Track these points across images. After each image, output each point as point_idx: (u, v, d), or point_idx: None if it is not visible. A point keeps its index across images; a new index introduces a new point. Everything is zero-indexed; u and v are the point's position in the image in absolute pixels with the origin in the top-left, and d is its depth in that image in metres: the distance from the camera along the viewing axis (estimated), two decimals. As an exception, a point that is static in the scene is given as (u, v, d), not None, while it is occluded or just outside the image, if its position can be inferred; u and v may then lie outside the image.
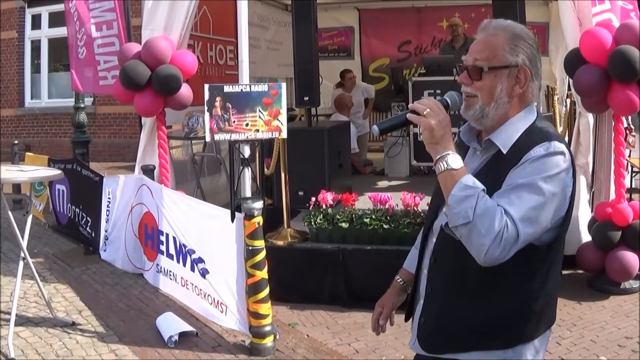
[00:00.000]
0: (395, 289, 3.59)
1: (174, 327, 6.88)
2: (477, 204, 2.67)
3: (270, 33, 14.32)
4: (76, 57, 10.06)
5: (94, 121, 19.96)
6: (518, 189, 2.74)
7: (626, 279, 7.97)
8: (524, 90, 2.97)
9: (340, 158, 10.24)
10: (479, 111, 2.97)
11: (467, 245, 2.73)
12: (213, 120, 6.69)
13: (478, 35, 3.04)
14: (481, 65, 2.94)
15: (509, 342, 2.97)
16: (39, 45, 21.81)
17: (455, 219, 2.71)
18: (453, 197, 2.72)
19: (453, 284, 3.01)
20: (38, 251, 9.84)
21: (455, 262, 2.96)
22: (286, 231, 8.17)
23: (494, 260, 2.69)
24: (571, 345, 6.62)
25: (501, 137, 2.95)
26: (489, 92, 2.95)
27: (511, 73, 2.94)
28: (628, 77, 7.38)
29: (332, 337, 6.96)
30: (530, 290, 2.94)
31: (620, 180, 8.09)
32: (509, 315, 2.94)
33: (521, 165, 2.79)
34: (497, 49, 2.94)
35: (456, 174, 2.76)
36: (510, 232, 2.65)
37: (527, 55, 2.95)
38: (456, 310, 3.00)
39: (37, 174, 7.24)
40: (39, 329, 7.04)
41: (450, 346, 3.04)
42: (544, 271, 2.96)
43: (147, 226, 8.45)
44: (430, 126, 2.82)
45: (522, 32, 2.98)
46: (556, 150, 2.80)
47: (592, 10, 7.87)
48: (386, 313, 3.54)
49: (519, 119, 2.97)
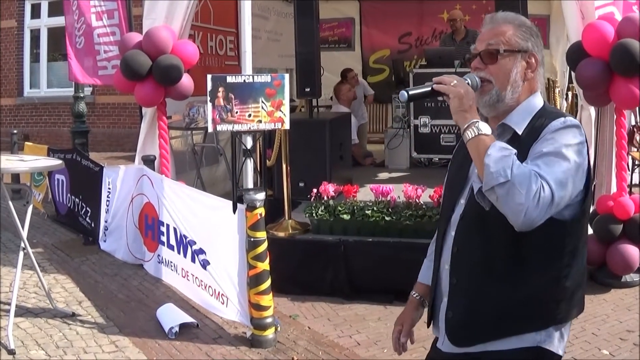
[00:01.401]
0: (413, 304, 3.52)
1: (175, 318, 6.87)
2: (514, 164, 2.68)
3: (271, 24, 14.30)
4: (74, 46, 10.01)
5: (93, 111, 19.91)
6: (544, 156, 2.77)
7: (627, 272, 7.96)
8: (534, 75, 3.06)
9: (342, 149, 10.22)
10: (495, 96, 3.01)
11: (505, 206, 2.71)
12: (216, 110, 6.66)
13: (485, 27, 3.11)
14: (497, 47, 3.01)
15: (543, 323, 2.97)
16: (39, 34, 21.74)
17: (494, 178, 2.68)
18: (490, 157, 2.71)
19: (481, 269, 2.99)
20: (37, 241, 9.81)
21: (482, 245, 2.97)
22: (287, 223, 8.15)
23: (532, 221, 2.69)
24: (573, 339, 6.58)
25: (514, 120, 3.01)
26: (505, 76, 3.00)
27: (523, 57, 3.02)
28: (630, 70, 7.35)
29: (334, 329, 6.94)
30: (560, 267, 2.95)
31: (621, 173, 8.07)
32: (541, 295, 2.94)
33: (542, 138, 2.85)
34: (509, 35, 3.02)
35: (487, 139, 2.79)
36: (547, 193, 2.68)
37: (534, 42, 3.05)
38: (486, 296, 2.98)
39: (37, 164, 7.21)
40: (38, 320, 7.02)
41: (482, 335, 3.01)
42: (571, 248, 2.96)
43: (148, 217, 8.43)
44: (460, 94, 2.86)
45: (527, 22, 3.09)
46: (573, 123, 2.88)
47: (595, 4, 7.86)
48: (406, 330, 3.48)
49: (530, 103, 3.04)
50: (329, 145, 9.50)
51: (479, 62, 3.05)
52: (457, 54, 12.11)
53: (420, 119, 11.73)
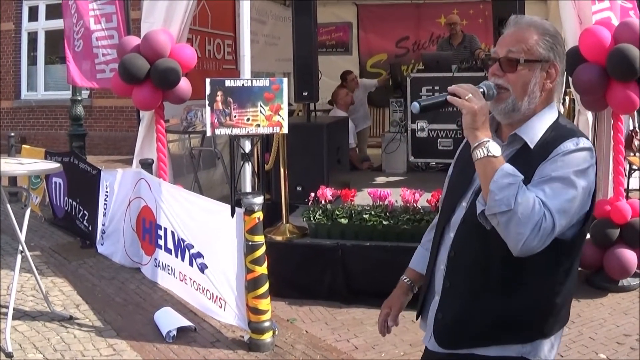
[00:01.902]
0: (403, 289, 3.54)
1: (172, 322, 6.87)
2: (519, 192, 2.67)
3: (268, 28, 14.30)
4: (72, 49, 10.02)
5: (90, 114, 19.89)
6: (552, 181, 2.75)
7: (624, 276, 7.98)
8: (553, 86, 2.99)
9: (339, 154, 10.24)
10: (510, 105, 2.95)
11: (505, 233, 2.71)
12: (214, 114, 6.67)
13: (507, 29, 3.03)
14: (517, 57, 2.93)
15: (529, 336, 2.98)
16: (36, 37, 21.70)
17: (496, 205, 2.68)
18: (495, 183, 2.70)
19: (475, 278, 3.00)
20: (34, 244, 9.80)
21: (478, 255, 2.97)
22: (285, 227, 8.16)
23: (531, 250, 2.69)
24: (570, 343, 6.61)
25: (528, 132, 2.95)
26: (523, 86, 2.93)
27: (543, 67, 2.94)
28: (627, 75, 7.38)
29: (331, 333, 6.95)
30: (552, 285, 2.95)
31: (618, 178, 8.10)
32: (531, 309, 2.94)
33: (552, 159, 2.80)
34: (532, 42, 2.93)
35: (496, 161, 2.75)
36: (548, 222, 2.67)
37: (557, 52, 2.96)
38: (477, 304, 2.98)
39: (36, 167, 7.22)
40: (36, 323, 7.01)
41: (469, 341, 3.03)
42: (566, 267, 2.96)
43: (145, 220, 8.43)
44: (474, 111, 2.79)
45: (552, 29, 2.99)
46: (585, 146, 2.84)
47: (592, 9, 7.87)
48: (394, 314, 3.50)
49: (545, 114, 2.98)
50: (326, 149, 9.52)
51: (498, 69, 2.98)
52: (454, 58, 12.14)
53: (417, 123, 11.76)
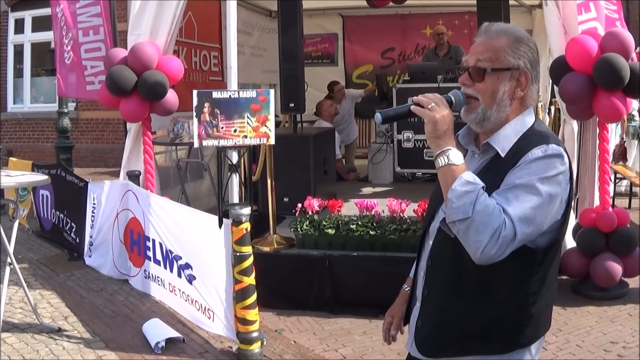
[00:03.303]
0: (404, 298, 3.51)
1: (161, 333, 6.87)
2: (477, 200, 2.66)
3: (254, 39, 14.33)
4: (62, 61, 10.04)
5: (77, 126, 19.87)
6: (515, 188, 2.74)
7: (611, 284, 8.00)
8: (525, 94, 2.97)
9: (326, 164, 10.26)
10: (480, 114, 2.95)
11: (464, 241, 2.72)
12: (201, 126, 6.69)
13: (478, 38, 3.02)
14: (484, 66, 2.92)
15: (507, 346, 2.97)
16: (22, 49, 21.68)
17: (454, 214, 2.69)
18: (453, 191, 2.70)
19: (450, 287, 3.00)
20: (22, 257, 9.78)
21: (453, 264, 2.96)
22: (272, 237, 8.17)
23: (490, 259, 2.68)
24: (557, 351, 6.65)
25: (499, 140, 2.95)
26: (491, 95, 2.93)
27: (513, 75, 2.93)
28: (613, 84, 7.44)
29: (319, 343, 6.96)
30: (527, 294, 2.93)
31: (604, 186, 8.15)
32: (507, 319, 2.93)
33: (519, 167, 2.79)
34: (500, 51, 2.92)
35: (457, 170, 2.75)
36: (508, 231, 2.65)
37: (529, 58, 2.95)
38: (454, 313, 2.99)
39: (24, 179, 7.23)
40: (25, 335, 7.00)
41: (447, 350, 3.03)
42: (541, 275, 2.94)
43: (133, 232, 8.43)
44: (435, 119, 2.80)
45: (524, 36, 2.98)
46: (554, 152, 2.81)
47: (578, 19, 7.93)
48: (397, 322, 3.51)
49: (518, 122, 2.97)
50: (313, 160, 9.54)
51: (467, 78, 2.98)
52: (440, 69, 12.19)
53: (403, 134, 11.78)
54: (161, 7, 8.85)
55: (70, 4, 9.87)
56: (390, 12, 15.93)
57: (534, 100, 3.04)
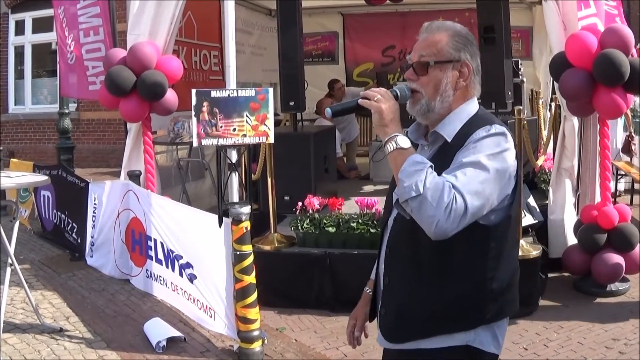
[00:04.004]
0: (366, 300, 3.64)
1: (162, 332, 6.88)
2: (427, 178, 2.79)
3: (254, 38, 14.33)
4: (65, 62, 10.06)
5: (78, 127, 19.90)
6: (463, 166, 2.88)
7: (612, 281, 8.01)
8: (467, 84, 3.14)
9: (326, 163, 10.25)
10: (425, 106, 3.11)
11: (418, 218, 2.83)
12: (200, 125, 6.69)
13: (420, 36, 3.20)
14: (427, 60, 3.09)
15: (469, 323, 3.06)
16: (23, 51, 21.69)
17: (406, 192, 2.80)
18: (403, 171, 2.84)
19: (409, 271, 3.11)
20: (24, 257, 9.80)
21: (410, 249, 3.08)
22: (273, 236, 8.18)
23: (444, 232, 2.79)
24: (558, 348, 6.65)
25: (445, 127, 3.10)
26: (434, 87, 3.09)
27: (454, 67, 3.11)
28: (613, 80, 7.41)
29: (320, 342, 6.96)
30: (485, 271, 3.05)
31: (605, 183, 8.13)
32: (467, 296, 3.04)
33: (465, 147, 2.95)
34: (441, 45, 3.10)
35: (405, 152, 2.91)
36: (459, 204, 2.77)
37: (469, 51, 3.13)
38: (415, 296, 3.09)
39: (24, 180, 7.22)
40: (26, 336, 7.00)
41: (412, 333, 3.12)
42: (497, 252, 3.06)
43: (135, 232, 8.43)
44: (381, 109, 2.98)
45: (463, 31, 3.17)
46: (497, 131, 2.97)
47: (578, 15, 7.92)
48: (360, 324, 3.61)
49: (462, 110, 3.13)
50: (313, 158, 9.54)
51: (412, 74, 3.15)
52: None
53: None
54: (160, 7, 8.84)
55: (71, 5, 9.89)
56: (390, 10, 15.89)
57: (477, 91, 3.20)
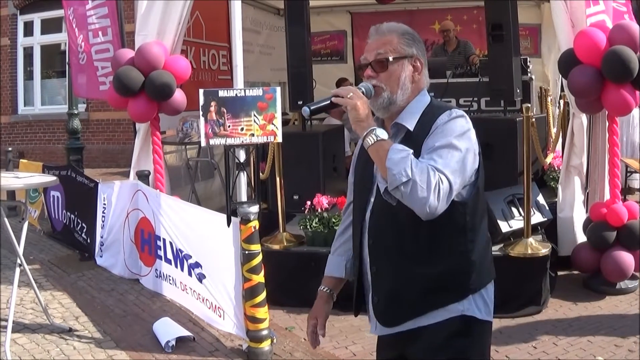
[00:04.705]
0: (324, 298, 3.85)
1: (171, 332, 6.88)
2: (412, 163, 2.98)
3: (263, 37, 14.34)
4: (77, 62, 10.09)
5: (88, 127, 19.95)
6: (438, 150, 3.08)
7: (622, 279, 7.98)
8: (421, 77, 3.37)
9: (335, 162, 10.23)
10: (387, 99, 3.29)
11: (410, 201, 2.99)
12: (208, 125, 6.70)
13: (372, 38, 3.39)
14: (385, 57, 3.29)
15: (461, 293, 3.26)
16: (32, 52, 21.77)
17: (397, 179, 2.96)
18: (390, 160, 3.00)
19: (395, 256, 3.28)
20: (34, 258, 9.83)
21: (392, 234, 3.26)
22: (282, 235, 8.18)
23: (435, 211, 3.00)
24: (568, 346, 6.63)
25: (406, 118, 3.30)
26: (395, 80, 3.29)
27: (410, 62, 3.33)
28: (622, 77, 7.40)
29: (329, 341, 6.94)
30: (465, 243, 3.26)
31: (614, 180, 8.11)
32: (452, 270, 3.24)
33: (433, 133, 3.15)
34: (395, 43, 3.32)
35: (386, 143, 3.08)
36: (445, 184, 2.99)
37: (418, 47, 3.37)
38: (404, 277, 3.26)
39: (32, 181, 7.23)
40: (36, 336, 7.03)
41: (407, 313, 3.29)
42: (471, 225, 3.28)
43: (144, 231, 8.44)
44: (356, 105, 3.12)
45: (410, 30, 3.39)
46: (458, 114, 3.21)
47: (587, 12, 7.89)
48: (321, 323, 3.77)
49: (418, 101, 3.35)
50: (322, 157, 9.52)
51: (371, 71, 3.32)
52: (449, 64, 12.14)
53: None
54: (168, 7, 8.85)
55: (80, 6, 9.90)
56: (399, 9, 15.88)
57: (427, 83, 3.42)
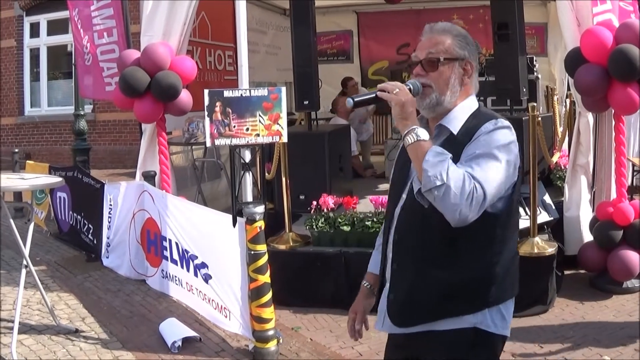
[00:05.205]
0: (364, 293, 3.77)
1: (177, 332, 6.88)
2: (449, 167, 2.95)
3: (269, 38, 14.33)
4: (82, 63, 10.11)
5: (94, 128, 20.00)
6: (477, 157, 3.05)
7: (628, 278, 7.97)
8: (470, 80, 3.35)
9: (341, 161, 10.22)
10: (434, 100, 3.27)
11: (442, 206, 2.97)
12: (213, 125, 6.69)
13: (425, 36, 3.36)
14: (437, 57, 3.26)
15: (477, 306, 3.21)
16: (38, 53, 21.84)
17: (431, 181, 2.94)
18: (427, 162, 2.97)
19: (419, 257, 3.24)
20: (40, 259, 9.84)
21: (419, 234, 3.23)
22: (288, 235, 8.18)
23: (466, 219, 2.97)
24: (574, 345, 6.62)
25: (451, 121, 3.27)
26: (445, 82, 3.27)
27: (460, 64, 3.30)
28: (628, 76, 7.39)
29: (336, 341, 6.95)
30: (491, 256, 3.22)
31: (621, 179, 8.09)
32: (474, 280, 3.20)
33: (475, 140, 3.12)
34: (448, 44, 3.29)
35: (425, 144, 3.05)
36: (479, 193, 2.95)
37: (470, 50, 3.33)
38: (424, 280, 3.22)
39: (37, 182, 7.23)
40: (42, 337, 7.03)
41: (422, 316, 3.26)
42: (501, 237, 3.24)
43: (150, 232, 8.45)
44: (402, 102, 3.09)
45: (464, 32, 3.37)
46: (504, 124, 3.16)
47: (594, 10, 7.88)
48: (360, 318, 3.72)
49: (466, 105, 3.32)
50: (328, 157, 9.51)
51: (421, 69, 3.30)
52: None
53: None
54: (173, 8, 8.86)
55: (85, 7, 9.91)
56: (405, 8, 15.88)
57: (476, 88, 3.38)
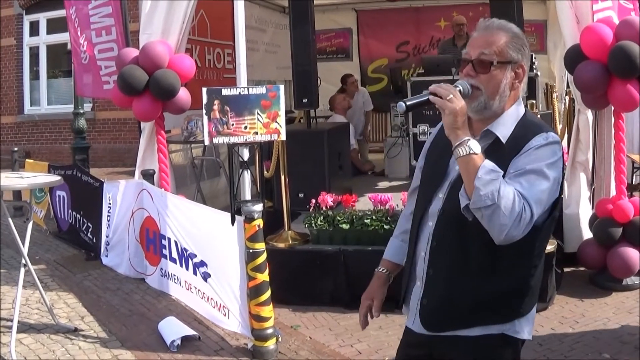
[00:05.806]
0: (381, 280, 3.69)
1: (176, 331, 6.87)
2: (500, 187, 2.86)
3: (268, 36, 14.32)
4: (79, 62, 10.09)
5: (94, 127, 19.98)
6: (527, 174, 2.96)
7: (628, 275, 7.95)
8: (520, 85, 3.20)
9: (340, 159, 10.23)
10: (483, 103, 3.13)
11: (488, 225, 2.90)
12: (212, 123, 6.69)
13: (478, 33, 3.20)
14: (490, 59, 3.10)
15: (508, 316, 3.20)
16: (38, 51, 21.82)
17: (481, 200, 2.86)
18: (480, 180, 2.87)
19: (456, 266, 3.17)
20: (39, 258, 9.83)
21: (458, 244, 3.15)
22: (287, 233, 8.17)
23: (512, 239, 2.90)
24: (574, 343, 6.61)
25: (500, 128, 3.14)
26: (495, 86, 3.12)
27: (512, 68, 3.14)
28: (628, 72, 7.37)
29: (335, 339, 6.95)
30: (528, 268, 3.19)
31: (620, 176, 8.08)
32: (510, 292, 3.17)
33: (525, 153, 3.01)
34: (503, 45, 3.12)
35: (477, 158, 2.93)
36: (528, 214, 2.88)
37: (524, 53, 3.17)
38: (460, 288, 3.17)
39: (36, 181, 7.23)
40: (41, 336, 7.03)
41: (454, 323, 3.22)
42: (539, 251, 3.20)
43: (149, 231, 8.44)
44: (456, 111, 2.96)
45: (520, 33, 3.19)
46: (554, 140, 3.06)
47: (594, 7, 7.86)
48: (377, 305, 3.64)
49: (513, 111, 3.19)
50: (327, 155, 9.52)
51: (471, 70, 3.14)
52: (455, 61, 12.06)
53: (419, 127, 11.71)
54: (172, 6, 8.84)
55: (83, 5, 9.90)
56: (404, 6, 15.91)
57: (523, 91, 3.26)
